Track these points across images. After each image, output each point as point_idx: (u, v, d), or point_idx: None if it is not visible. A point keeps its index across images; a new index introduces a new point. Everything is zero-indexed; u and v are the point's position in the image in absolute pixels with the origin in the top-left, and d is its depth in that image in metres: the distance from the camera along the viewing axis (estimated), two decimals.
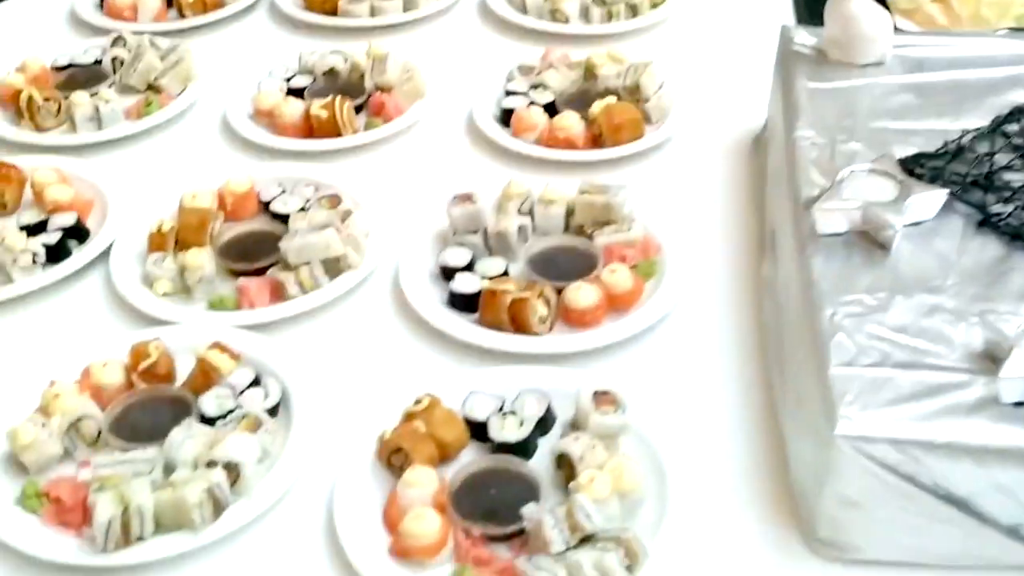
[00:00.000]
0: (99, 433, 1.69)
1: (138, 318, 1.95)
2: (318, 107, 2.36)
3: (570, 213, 2.06)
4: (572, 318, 1.87)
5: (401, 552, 1.51)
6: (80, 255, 2.06)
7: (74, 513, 1.57)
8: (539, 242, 2.03)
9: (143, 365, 1.76)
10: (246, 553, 1.56)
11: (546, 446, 1.66)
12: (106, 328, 1.96)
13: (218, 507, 1.55)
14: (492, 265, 1.96)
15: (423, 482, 1.56)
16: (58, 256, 2.05)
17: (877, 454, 1.38)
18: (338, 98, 2.38)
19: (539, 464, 1.62)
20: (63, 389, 1.70)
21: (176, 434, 1.63)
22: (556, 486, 1.59)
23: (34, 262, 2.02)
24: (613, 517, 1.51)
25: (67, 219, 2.10)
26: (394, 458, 1.63)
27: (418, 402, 1.67)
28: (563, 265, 1.97)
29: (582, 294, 1.87)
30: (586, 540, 1.48)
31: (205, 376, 1.75)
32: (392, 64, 2.49)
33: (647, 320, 1.87)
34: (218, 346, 1.77)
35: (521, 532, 1.53)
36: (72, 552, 1.53)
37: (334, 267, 1.98)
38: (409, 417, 1.65)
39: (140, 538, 1.53)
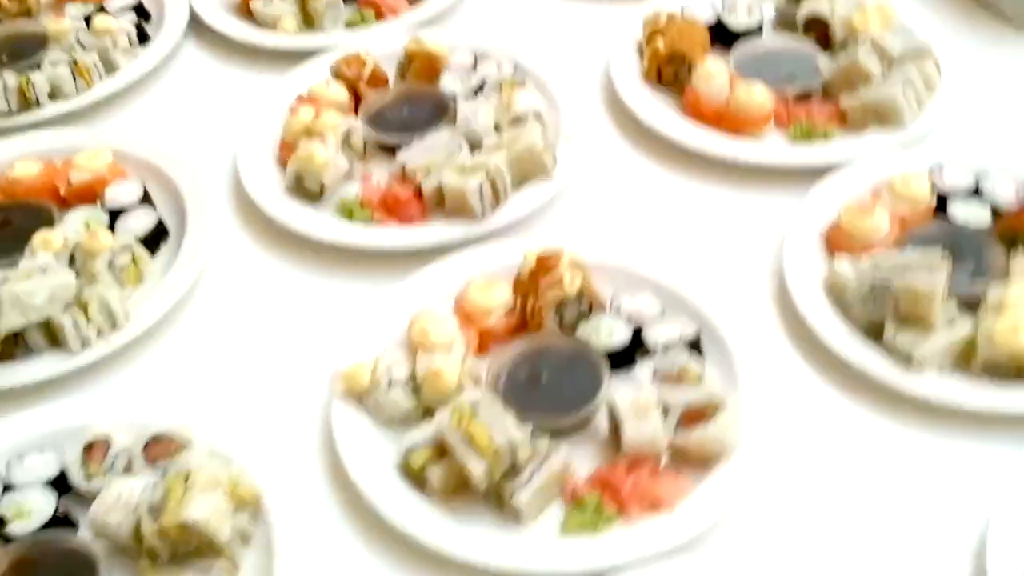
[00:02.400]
0: (364, 145, 1.59)
1: (279, 60, 1.80)
2: None
3: None
4: None
5: (734, 126, 1.58)
6: (169, 28, 1.85)
7: (413, 205, 1.50)
8: None
9: (366, 74, 1.66)
10: (588, 195, 1.57)
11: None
12: (258, 74, 1.81)
13: (553, 153, 1.54)
14: None
15: (717, 72, 1.62)
16: (143, 37, 1.83)
17: None
18: None
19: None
20: (312, 113, 1.57)
21: (465, 109, 1.57)
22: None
23: (130, 43, 1.80)
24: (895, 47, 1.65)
25: None
26: (667, 69, 1.67)
27: (655, 20, 1.71)
28: None
29: None
30: (889, 66, 1.62)
31: (428, 65, 1.68)
32: None
33: None
34: (420, 39, 1.70)
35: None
36: (448, 232, 1.47)
37: None
38: (655, 34, 1.68)
39: (504, 198, 1.49)
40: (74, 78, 1.71)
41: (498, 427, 1.17)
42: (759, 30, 1.74)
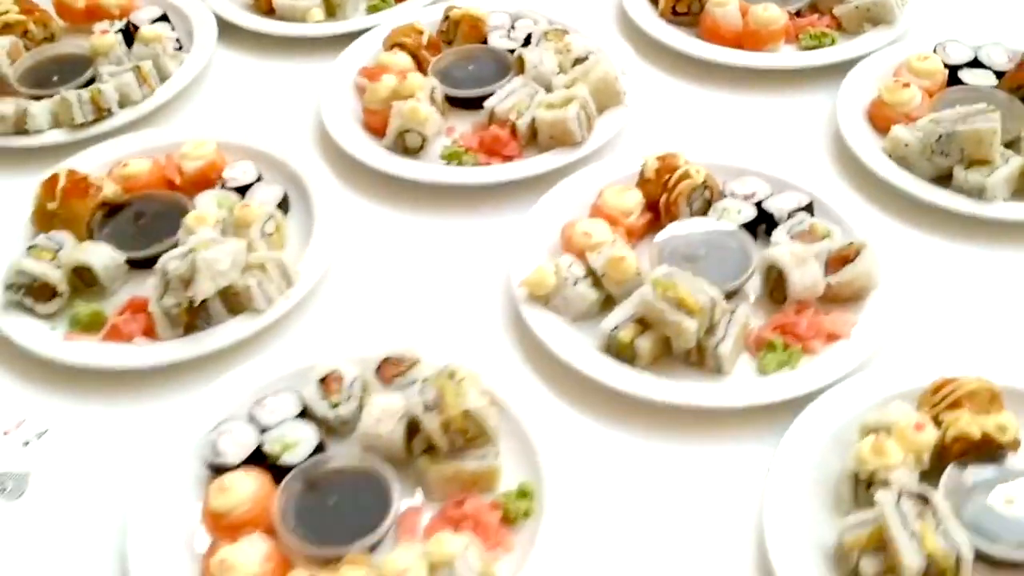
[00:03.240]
0: (444, 98, 1.74)
1: (311, 48, 1.94)
2: None
3: None
4: None
5: (753, 43, 1.83)
6: (202, 32, 1.94)
7: (511, 144, 1.66)
8: None
9: (425, 40, 1.81)
10: (647, 117, 1.77)
11: None
12: (296, 63, 1.93)
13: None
14: None
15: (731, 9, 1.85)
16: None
17: None
18: None
19: None
20: (394, 79, 1.70)
21: (531, 58, 1.74)
22: None
23: (175, 49, 1.88)
24: None
25: (152, 12, 1.95)
26: (681, 4, 1.89)
27: None
28: None
29: None
30: None
31: (473, 28, 1.85)
32: None
33: None
34: (459, 6, 1.86)
35: None
36: (557, 158, 1.64)
37: None
38: None
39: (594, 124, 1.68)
40: (139, 85, 1.77)
41: (696, 290, 1.35)
42: None
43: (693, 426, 1.33)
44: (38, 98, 1.77)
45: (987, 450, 1.21)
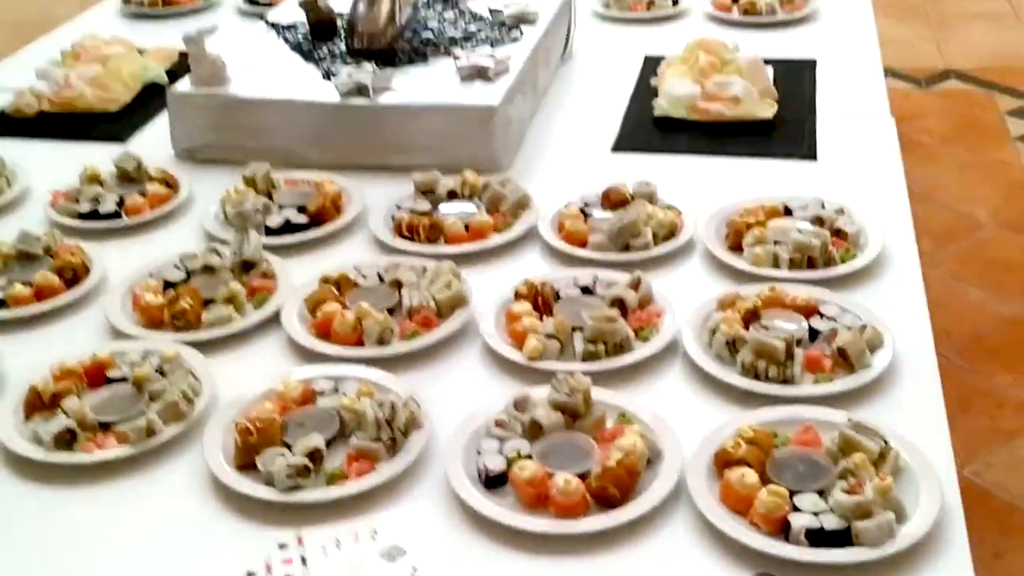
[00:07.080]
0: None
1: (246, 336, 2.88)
2: None
3: None
4: None
5: None
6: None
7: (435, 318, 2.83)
8: None
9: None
10: None
11: None
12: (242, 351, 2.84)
13: None
14: None
15: None
16: None
17: None
18: None
19: None
20: (350, 313, 2.77)
21: (403, 277, 2.93)
22: None
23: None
24: None
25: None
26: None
27: None
28: None
29: None
30: None
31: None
32: None
33: None
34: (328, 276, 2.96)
35: None
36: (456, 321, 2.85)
37: None
38: None
39: None
40: (194, 379, 2.60)
41: (599, 320, 2.69)
42: None
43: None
44: (121, 422, 2.49)
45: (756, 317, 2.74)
